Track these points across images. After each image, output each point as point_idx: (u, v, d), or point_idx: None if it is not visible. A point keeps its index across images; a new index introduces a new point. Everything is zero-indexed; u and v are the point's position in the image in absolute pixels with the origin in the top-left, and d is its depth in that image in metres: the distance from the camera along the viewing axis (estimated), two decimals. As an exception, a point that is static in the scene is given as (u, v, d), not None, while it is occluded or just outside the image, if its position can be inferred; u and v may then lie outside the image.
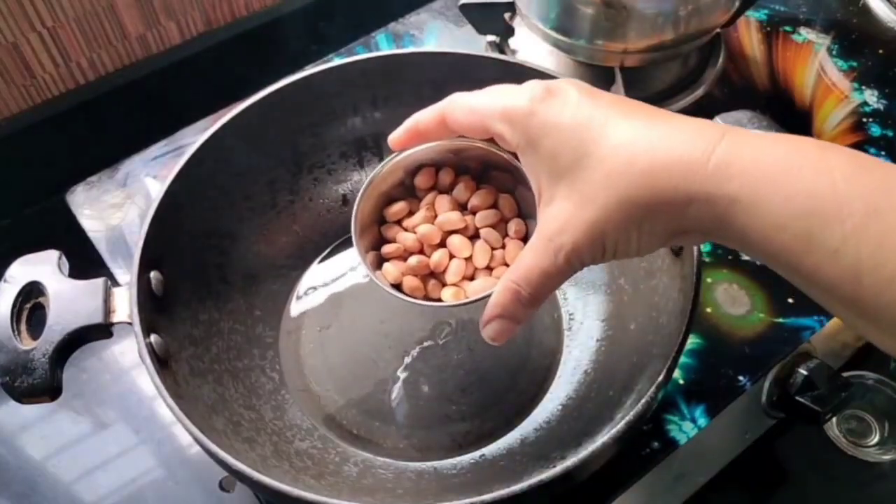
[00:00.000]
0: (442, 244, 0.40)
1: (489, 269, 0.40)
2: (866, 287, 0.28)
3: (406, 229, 0.41)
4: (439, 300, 0.40)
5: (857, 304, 0.29)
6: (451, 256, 0.40)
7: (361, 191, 0.40)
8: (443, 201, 0.41)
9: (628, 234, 0.32)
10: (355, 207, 0.40)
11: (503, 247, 0.40)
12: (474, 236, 0.40)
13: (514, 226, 0.40)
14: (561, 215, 0.33)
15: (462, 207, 0.41)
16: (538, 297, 0.35)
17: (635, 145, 0.31)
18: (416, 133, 0.38)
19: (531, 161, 0.34)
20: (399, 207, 0.41)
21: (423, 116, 0.38)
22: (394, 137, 0.39)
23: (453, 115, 0.36)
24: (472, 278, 0.40)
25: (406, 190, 0.42)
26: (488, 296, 0.36)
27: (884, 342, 0.29)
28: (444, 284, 0.40)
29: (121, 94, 0.69)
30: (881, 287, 0.28)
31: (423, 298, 0.40)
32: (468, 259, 0.40)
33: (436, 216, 0.40)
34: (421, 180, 0.41)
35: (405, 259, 0.41)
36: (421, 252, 0.41)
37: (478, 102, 0.36)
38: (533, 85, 0.34)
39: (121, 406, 0.55)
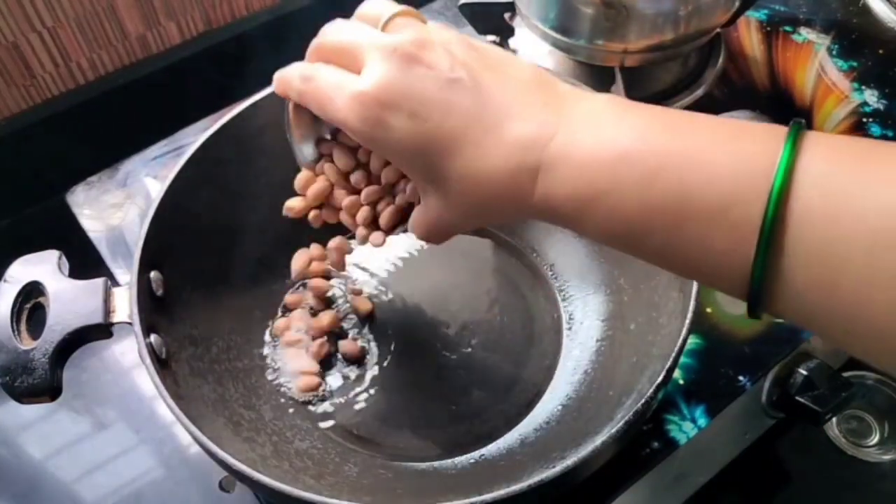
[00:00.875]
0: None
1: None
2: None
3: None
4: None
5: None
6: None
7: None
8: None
9: (489, 221, 0.39)
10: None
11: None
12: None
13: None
14: (436, 208, 0.36)
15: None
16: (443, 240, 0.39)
17: (469, 179, 0.34)
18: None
19: (387, 159, 0.38)
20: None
21: (291, 95, 0.38)
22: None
23: (308, 104, 0.37)
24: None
25: None
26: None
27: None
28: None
29: (121, 94, 0.69)
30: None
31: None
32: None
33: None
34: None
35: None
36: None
37: (322, 99, 0.36)
38: (362, 97, 0.34)
39: (121, 406, 0.55)
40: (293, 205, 0.44)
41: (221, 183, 0.51)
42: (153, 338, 0.42)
